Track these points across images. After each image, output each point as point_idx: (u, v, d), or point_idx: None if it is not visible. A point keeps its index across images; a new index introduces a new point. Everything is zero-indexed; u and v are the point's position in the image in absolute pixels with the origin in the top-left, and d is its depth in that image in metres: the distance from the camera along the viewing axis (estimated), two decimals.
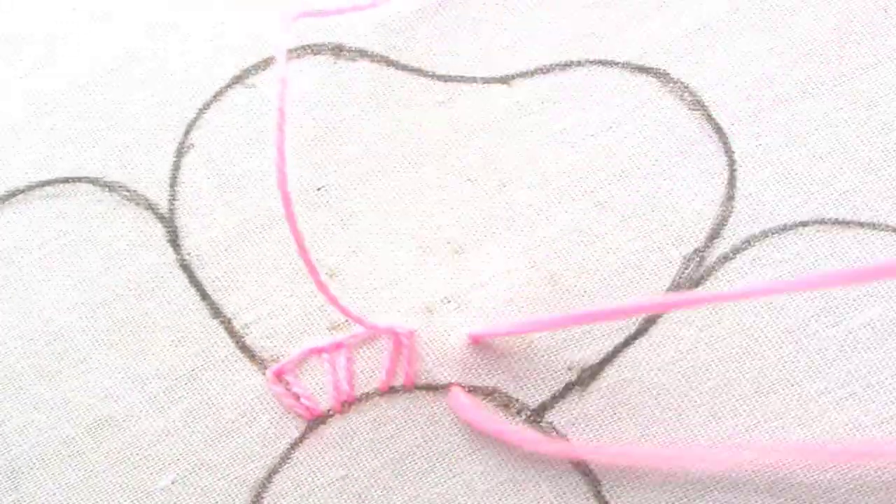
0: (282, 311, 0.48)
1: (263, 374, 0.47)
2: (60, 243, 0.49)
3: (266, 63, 0.51)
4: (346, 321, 0.48)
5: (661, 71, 0.50)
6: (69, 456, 0.47)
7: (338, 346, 0.47)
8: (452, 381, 0.47)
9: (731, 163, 0.49)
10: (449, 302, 0.47)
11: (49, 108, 0.51)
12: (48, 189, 0.50)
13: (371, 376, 0.47)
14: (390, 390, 0.47)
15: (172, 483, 0.47)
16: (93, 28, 0.52)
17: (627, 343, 0.47)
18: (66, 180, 0.50)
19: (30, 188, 0.50)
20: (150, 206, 0.50)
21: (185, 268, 0.49)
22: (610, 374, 0.47)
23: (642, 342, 0.47)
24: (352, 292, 0.48)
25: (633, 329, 0.47)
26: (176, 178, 0.50)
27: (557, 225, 0.48)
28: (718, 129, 0.49)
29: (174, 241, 0.49)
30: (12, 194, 0.50)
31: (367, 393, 0.47)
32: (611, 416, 0.46)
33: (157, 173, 0.50)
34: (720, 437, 0.46)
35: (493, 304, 0.47)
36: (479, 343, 0.47)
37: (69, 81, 0.51)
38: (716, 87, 0.50)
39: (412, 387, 0.47)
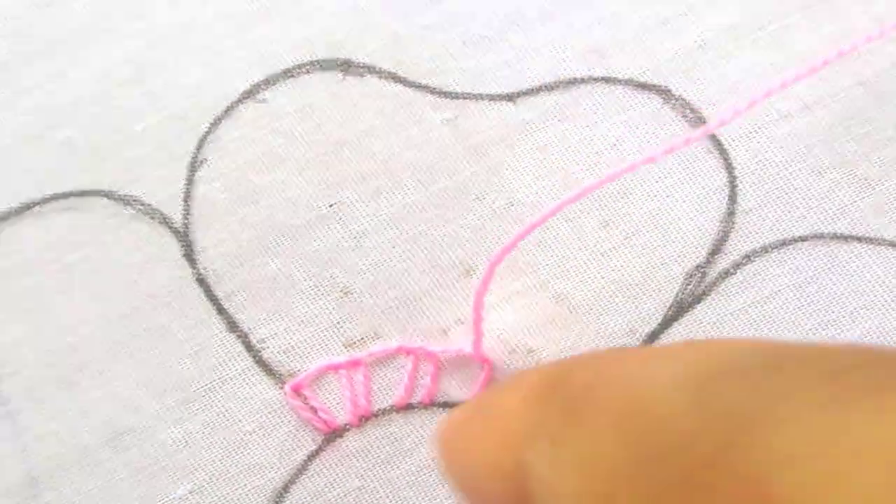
0: (298, 327, 0.49)
1: (281, 388, 0.48)
2: (77, 256, 0.50)
3: (276, 78, 0.52)
4: (362, 338, 0.49)
5: (663, 88, 0.51)
6: (88, 465, 0.48)
7: (355, 362, 0.48)
8: (468, 398, 0.48)
9: (732, 179, 0.49)
10: (462, 324, 0.48)
11: (63, 121, 0.52)
12: (63, 202, 0.51)
13: (388, 394, 0.48)
14: (407, 407, 0.48)
15: (190, 493, 0.48)
16: (105, 41, 0.52)
17: None
18: (80, 193, 0.51)
19: (45, 201, 0.51)
20: (165, 221, 0.50)
21: (202, 282, 0.49)
22: None
23: None
24: (366, 310, 0.49)
25: (636, 345, 0.48)
26: (189, 192, 0.51)
27: (564, 243, 0.49)
28: (719, 146, 0.50)
29: (189, 256, 0.50)
30: (27, 207, 0.51)
31: (385, 409, 0.48)
32: None
33: (171, 187, 0.51)
34: None
35: (504, 326, 0.47)
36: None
37: (82, 94, 0.52)
38: (717, 103, 0.50)
39: (429, 404, 0.48)
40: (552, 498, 0.29)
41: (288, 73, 0.52)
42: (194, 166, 0.51)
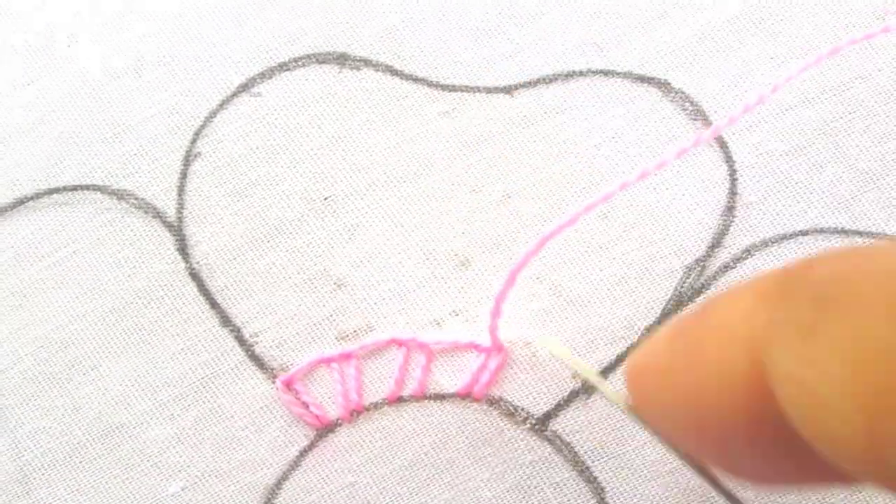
0: (291, 321, 0.49)
1: (273, 382, 0.48)
2: (69, 251, 0.50)
3: (272, 72, 0.52)
4: (355, 331, 0.48)
5: (663, 81, 0.50)
6: (80, 462, 0.48)
7: (347, 356, 0.48)
8: (459, 390, 0.47)
9: (732, 172, 0.49)
10: (457, 315, 0.48)
11: (56, 116, 0.51)
12: (56, 196, 0.51)
13: (380, 387, 0.48)
14: (399, 400, 0.48)
15: (182, 489, 0.47)
16: (99, 35, 0.52)
17: (629, 353, 0.47)
18: (74, 188, 0.51)
19: (38, 195, 0.51)
20: (159, 215, 0.50)
21: (195, 276, 0.49)
22: (613, 383, 0.47)
23: None
24: (359, 303, 0.49)
25: (634, 339, 0.47)
26: (183, 186, 0.50)
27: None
28: (719, 139, 0.49)
29: (183, 250, 0.50)
30: (21, 201, 0.51)
31: (376, 402, 0.48)
32: (615, 423, 0.47)
33: (165, 181, 0.50)
34: None
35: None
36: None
37: (76, 89, 0.52)
38: (716, 96, 0.50)
39: (421, 396, 0.48)
40: (806, 394, 0.27)
41: (284, 67, 0.52)
42: (188, 160, 0.51)
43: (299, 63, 0.52)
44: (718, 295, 0.34)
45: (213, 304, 0.49)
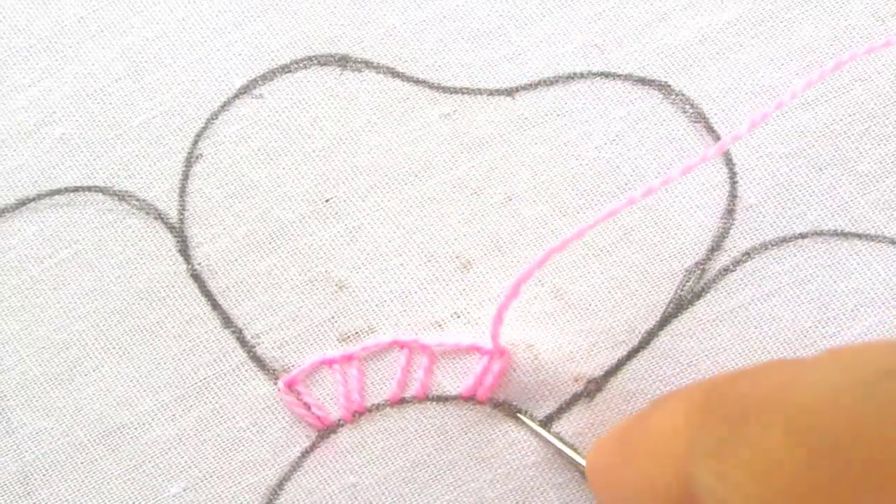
0: (292, 322, 0.49)
1: (275, 383, 0.48)
2: (71, 252, 0.50)
3: (273, 73, 0.52)
4: (356, 333, 0.48)
5: (663, 83, 0.50)
6: (82, 462, 0.48)
7: (349, 357, 0.48)
8: (463, 392, 0.48)
9: (732, 175, 0.49)
10: (458, 317, 0.48)
11: (58, 117, 0.51)
12: (58, 198, 0.51)
13: (382, 388, 0.48)
14: (401, 401, 0.48)
15: (184, 490, 0.47)
16: (101, 37, 0.52)
17: (630, 356, 0.47)
18: (76, 189, 0.51)
19: (40, 197, 0.51)
20: (160, 216, 0.50)
21: (196, 277, 0.49)
22: (614, 386, 0.47)
23: (644, 355, 0.47)
24: (361, 304, 0.49)
25: (635, 342, 0.47)
26: (185, 187, 0.50)
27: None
28: (719, 141, 0.49)
29: (184, 252, 0.50)
30: (22, 203, 0.51)
31: (378, 404, 0.48)
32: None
33: (167, 183, 0.51)
34: None
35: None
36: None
37: (78, 90, 0.52)
38: (717, 98, 0.50)
39: (424, 398, 0.48)
40: None
41: (285, 69, 0.52)
42: (190, 161, 0.51)
43: (301, 65, 0.52)
44: (659, 400, 0.38)
45: (215, 306, 0.49)
